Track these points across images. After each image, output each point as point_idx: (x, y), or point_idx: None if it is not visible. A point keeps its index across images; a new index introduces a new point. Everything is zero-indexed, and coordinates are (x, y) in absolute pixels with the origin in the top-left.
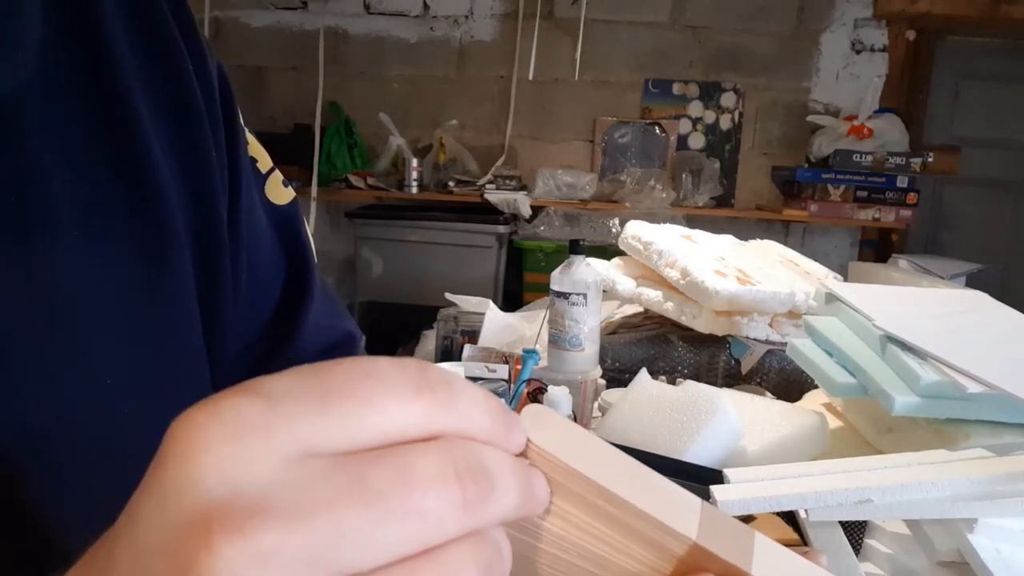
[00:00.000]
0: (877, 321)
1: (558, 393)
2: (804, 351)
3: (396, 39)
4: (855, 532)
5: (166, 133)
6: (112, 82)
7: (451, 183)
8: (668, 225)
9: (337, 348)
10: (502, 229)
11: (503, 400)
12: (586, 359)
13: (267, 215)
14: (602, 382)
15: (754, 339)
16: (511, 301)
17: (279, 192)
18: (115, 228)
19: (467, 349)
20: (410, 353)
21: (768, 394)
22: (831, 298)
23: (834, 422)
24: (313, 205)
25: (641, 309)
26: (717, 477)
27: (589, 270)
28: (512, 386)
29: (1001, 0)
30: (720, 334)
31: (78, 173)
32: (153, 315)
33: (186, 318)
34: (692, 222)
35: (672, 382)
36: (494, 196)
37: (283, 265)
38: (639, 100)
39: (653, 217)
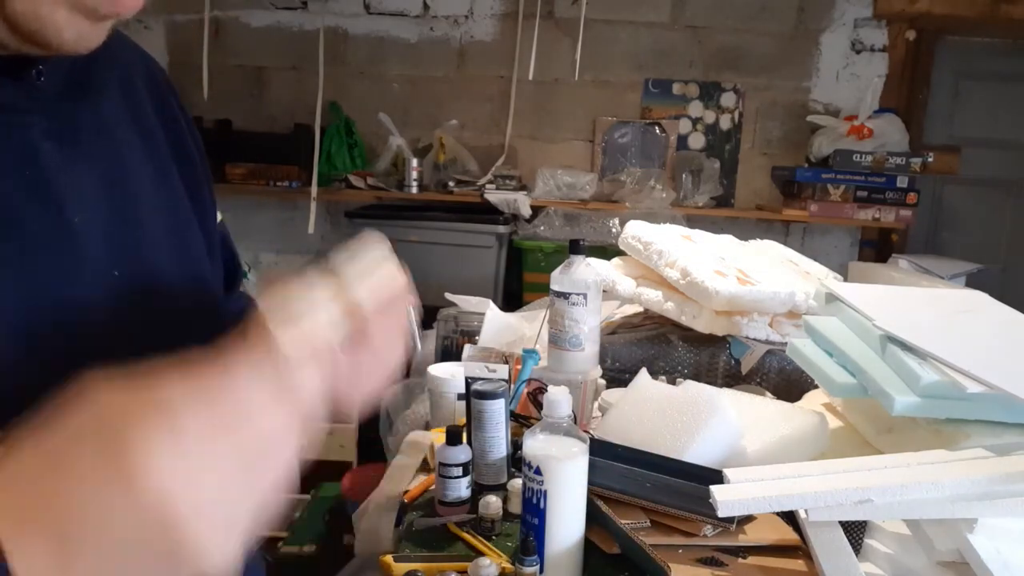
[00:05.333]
0: (877, 321)
1: (558, 393)
2: (804, 351)
3: (396, 39)
4: (855, 532)
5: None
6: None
7: (451, 183)
8: (668, 225)
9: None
10: (502, 229)
11: (503, 400)
12: (586, 359)
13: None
14: (602, 382)
15: (754, 339)
16: (511, 301)
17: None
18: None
19: (467, 349)
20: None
21: (768, 394)
22: (831, 298)
23: (834, 422)
24: (313, 205)
25: (641, 309)
26: (717, 477)
27: (589, 270)
28: (512, 386)
29: (1001, 0)
30: (720, 334)
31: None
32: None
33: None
34: (692, 222)
35: (672, 382)
36: (494, 196)
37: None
38: (639, 100)
39: (653, 217)
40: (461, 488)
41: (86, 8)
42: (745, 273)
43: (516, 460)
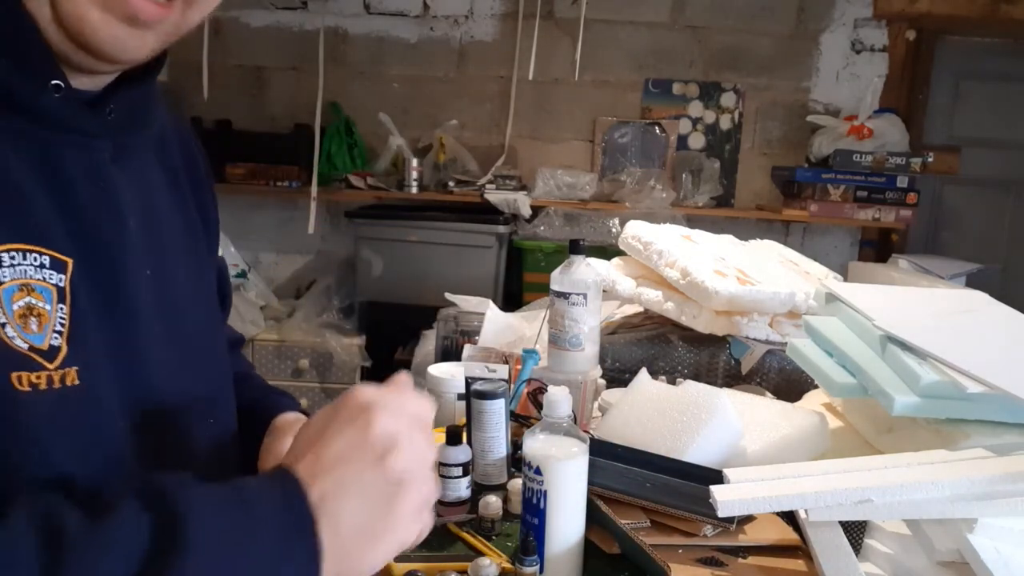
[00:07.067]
0: (877, 321)
1: (558, 393)
2: (804, 351)
3: (396, 39)
4: (855, 532)
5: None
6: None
7: (451, 183)
8: (668, 225)
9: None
10: (502, 229)
11: (503, 400)
12: (586, 359)
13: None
14: (602, 382)
15: (754, 339)
16: (511, 301)
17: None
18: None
19: (467, 349)
20: (410, 353)
21: (768, 394)
22: (831, 298)
23: (834, 422)
24: (313, 205)
25: (641, 309)
26: (717, 477)
27: (589, 270)
28: (512, 386)
29: (1001, 0)
30: (720, 334)
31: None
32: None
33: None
34: (692, 222)
35: (672, 382)
36: (494, 196)
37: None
38: (639, 100)
39: (653, 217)
40: (461, 488)
41: (115, 9)
42: (745, 273)
43: (516, 460)
